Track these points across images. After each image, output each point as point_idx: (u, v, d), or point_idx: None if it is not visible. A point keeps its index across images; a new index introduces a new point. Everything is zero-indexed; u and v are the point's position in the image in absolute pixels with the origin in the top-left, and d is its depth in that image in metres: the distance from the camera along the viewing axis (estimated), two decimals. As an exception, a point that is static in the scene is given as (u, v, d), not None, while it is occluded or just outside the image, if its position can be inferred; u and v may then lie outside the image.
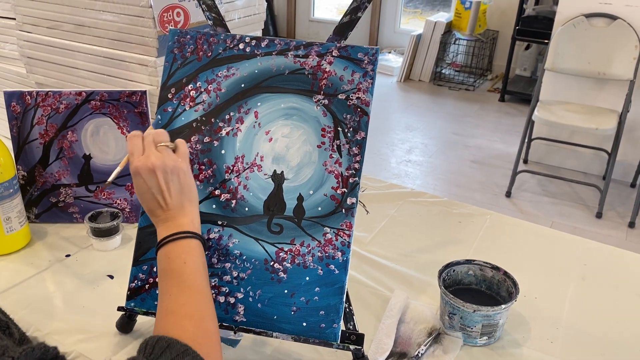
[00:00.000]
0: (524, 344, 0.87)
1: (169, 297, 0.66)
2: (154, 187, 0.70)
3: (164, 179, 0.70)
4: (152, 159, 0.70)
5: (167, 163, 0.70)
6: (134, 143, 0.72)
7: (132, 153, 0.71)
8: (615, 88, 2.90)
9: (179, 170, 0.71)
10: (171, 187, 0.70)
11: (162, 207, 0.71)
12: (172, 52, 0.87)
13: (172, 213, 0.71)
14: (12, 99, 1.10)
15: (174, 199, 0.71)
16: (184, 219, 0.71)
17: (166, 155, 0.71)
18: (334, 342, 0.76)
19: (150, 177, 0.70)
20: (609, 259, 1.09)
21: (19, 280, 0.98)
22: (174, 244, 0.69)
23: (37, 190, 1.13)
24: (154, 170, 0.69)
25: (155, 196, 0.70)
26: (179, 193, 0.71)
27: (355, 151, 0.81)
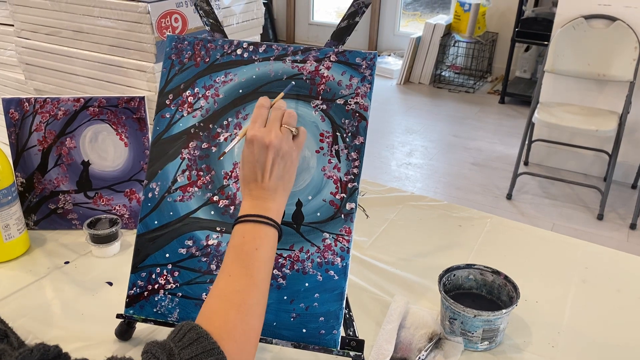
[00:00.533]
0: (525, 348, 0.87)
1: (227, 278, 0.66)
2: (259, 161, 0.69)
3: (272, 159, 0.69)
4: (271, 135, 0.69)
5: (283, 146, 0.70)
6: (260, 113, 0.72)
7: (255, 121, 0.71)
8: (615, 89, 2.90)
9: (288, 158, 0.71)
10: (274, 169, 0.70)
11: (258, 181, 0.70)
12: (169, 58, 0.87)
13: (264, 193, 0.70)
14: (10, 106, 1.09)
15: (272, 181, 0.70)
16: (272, 204, 0.70)
17: (285, 138, 0.71)
18: (334, 349, 0.76)
19: (262, 151, 0.69)
20: (610, 262, 1.09)
21: (17, 287, 0.98)
22: (254, 225, 0.68)
23: (35, 197, 1.13)
24: (268, 146, 0.69)
25: (256, 169, 0.70)
26: (278, 178, 0.70)
27: (354, 156, 0.80)
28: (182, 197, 0.83)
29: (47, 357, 0.51)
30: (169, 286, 0.81)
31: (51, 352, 0.51)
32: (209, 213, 0.82)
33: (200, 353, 0.57)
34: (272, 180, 0.70)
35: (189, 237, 0.82)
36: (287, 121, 0.72)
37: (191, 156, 0.84)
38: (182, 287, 0.81)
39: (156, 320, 0.81)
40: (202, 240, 0.82)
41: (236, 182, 0.82)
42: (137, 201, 1.13)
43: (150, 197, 0.84)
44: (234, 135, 0.83)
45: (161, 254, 0.82)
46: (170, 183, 0.84)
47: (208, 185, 0.83)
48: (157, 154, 0.85)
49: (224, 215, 0.82)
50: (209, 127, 0.84)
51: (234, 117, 0.84)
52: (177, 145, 0.85)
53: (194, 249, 0.82)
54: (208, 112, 0.85)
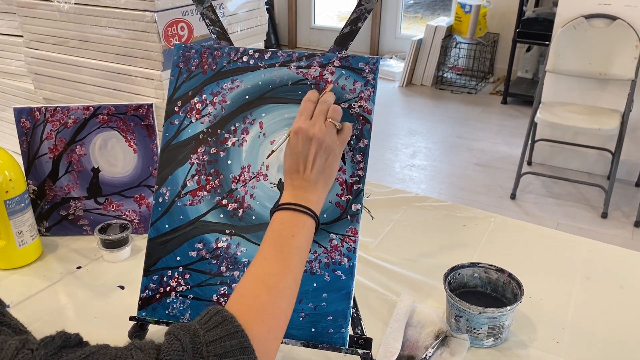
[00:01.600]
0: (530, 344, 0.88)
1: (262, 260, 0.67)
2: (303, 152, 0.72)
3: (315, 151, 0.72)
4: (316, 128, 0.72)
5: (326, 140, 0.72)
6: (307, 106, 0.75)
7: (301, 113, 0.75)
8: (617, 88, 2.91)
9: (331, 152, 0.73)
10: (316, 162, 0.72)
11: (299, 172, 0.73)
12: (177, 66, 0.89)
13: (305, 184, 0.72)
14: (21, 115, 1.12)
15: (313, 173, 0.72)
16: (312, 196, 0.72)
17: (329, 132, 0.73)
18: (342, 347, 0.78)
19: (305, 143, 0.72)
20: (614, 259, 1.10)
21: (32, 292, 1.00)
22: (293, 213, 0.71)
23: (47, 204, 1.15)
24: (311, 139, 0.72)
25: (299, 161, 0.72)
26: (319, 171, 0.73)
27: (358, 158, 0.82)
28: (192, 201, 0.85)
29: (69, 344, 0.51)
30: (181, 288, 0.83)
31: (72, 340, 0.52)
32: (218, 216, 0.84)
33: (225, 336, 0.57)
34: (313, 173, 0.72)
35: (199, 240, 0.84)
36: (332, 116, 0.75)
37: (200, 161, 0.86)
38: (193, 289, 0.83)
39: (168, 322, 0.83)
40: (212, 243, 0.84)
41: (244, 186, 0.85)
42: (146, 206, 1.15)
43: (160, 201, 0.86)
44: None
45: (172, 257, 0.84)
46: (180, 188, 0.86)
47: (217, 189, 0.85)
48: (167, 160, 0.87)
49: (233, 218, 0.84)
50: (217, 132, 0.87)
51: (241, 122, 0.86)
52: (186, 150, 0.87)
53: (204, 252, 0.84)
54: (216, 118, 0.87)
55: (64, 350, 0.50)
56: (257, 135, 0.85)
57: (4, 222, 1.01)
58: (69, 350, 0.50)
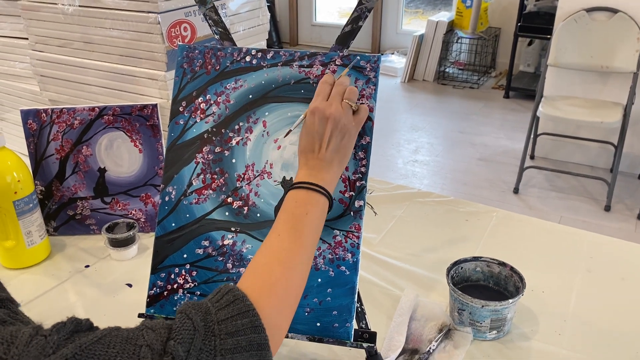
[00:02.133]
0: (532, 337, 0.90)
1: (276, 237, 0.69)
2: (318, 132, 0.73)
3: (330, 131, 0.73)
4: (332, 108, 0.73)
5: (342, 120, 0.73)
6: (323, 88, 0.76)
7: (318, 95, 0.75)
8: (619, 81, 2.91)
9: (346, 132, 0.74)
10: (332, 141, 0.73)
11: (315, 152, 0.73)
12: (181, 67, 0.91)
13: (319, 163, 0.73)
14: (28, 117, 1.14)
15: (328, 152, 0.73)
16: (326, 175, 0.73)
17: (345, 113, 0.74)
18: (347, 341, 0.79)
19: (321, 122, 0.73)
20: (615, 252, 1.11)
21: (41, 291, 1.01)
22: (307, 192, 0.71)
23: (55, 204, 1.17)
24: (327, 118, 0.72)
25: (314, 139, 0.73)
26: (334, 151, 0.73)
27: (361, 155, 0.84)
28: (198, 200, 0.87)
29: (81, 328, 0.53)
30: (188, 285, 0.85)
31: (84, 325, 0.53)
32: (224, 214, 0.86)
33: (236, 314, 0.58)
34: (328, 152, 0.73)
35: (205, 238, 0.86)
36: (349, 97, 0.75)
37: (205, 160, 0.88)
38: (200, 286, 0.85)
39: (176, 318, 0.85)
40: (218, 241, 0.85)
41: (249, 184, 0.86)
42: (152, 205, 1.17)
43: (167, 200, 0.88)
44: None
45: (179, 255, 0.86)
46: (185, 187, 0.87)
47: (222, 188, 0.87)
48: (173, 159, 0.88)
49: (238, 216, 0.85)
50: (221, 131, 0.88)
51: (244, 121, 0.88)
52: (191, 150, 0.88)
53: (210, 249, 0.85)
54: (220, 117, 0.88)
55: (76, 335, 0.51)
56: (260, 134, 0.87)
57: (13, 223, 1.03)
58: (81, 335, 0.51)
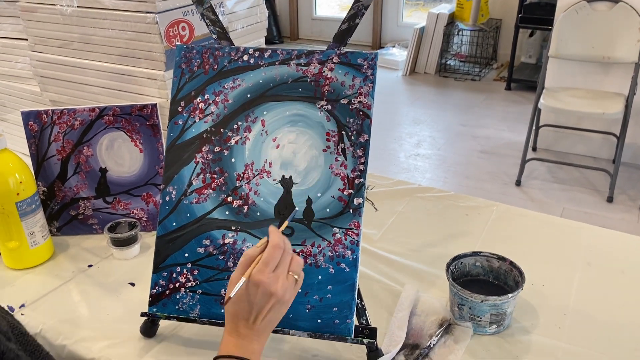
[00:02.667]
0: (532, 330, 0.90)
1: None
2: (258, 305, 0.69)
3: (271, 306, 0.69)
4: (278, 285, 0.69)
5: (285, 298, 0.70)
6: (274, 256, 0.69)
7: (267, 264, 0.69)
8: (620, 71, 2.90)
9: (285, 305, 0.71)
10: (269, 315, 0.70)
11: (249, 322, 0.70)
12: (179, 67, 0.91)
13: (250, 333, 0.70)
14: (29, 118, 1.14)
15: (262, 324, 0.70)
16: (256, 346, 0.71)
17: (289, 289, 0.70)
18: (348, 337, 0.80)
19: (264, 298, 0.69)
20: (614, 245, 1.12)
21: (45, 291, 1.02)
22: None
23: (57, 205, 1.18)
24: (272, 295, 0.68)
25: (252, 311, 0.69)
26: (269, 323, 0.71)
27: (359, 153, 0.84)
28: (198, 199, 0.87)
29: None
30: (190, 284, 0.86)
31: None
32: (224, 213, 0.87)
33: None
34: (263, 324, 0.70)
35: (206, 237, 0.86)
36: (294, 269, 0.71)
37: (205, 160, 0.88)
38: (202, 285, 0.85)
39: (178, 316, 0.86)
40: (219, 239, 0.86)
41: (248, 183, 0.86)
42: (154, 204, 1.17)
43: (167, 200, 0.88)
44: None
45: (180, 254, 0.87)
46: (186, 186, 0.88)
47: (222, 187, 0.87)
48: (172, 159, 0.89)
49: (238, 214, 0.86)
50: (220, 131, 0.88)
51: (243, 120, 0.88)
52: (190, 150, 0.89)
53: (211, 248, 0.86)
54: (219, 117, 0.89)
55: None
56: (259, 133, 0.87)
57: (16, 224, 1.04)
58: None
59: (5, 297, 1.01)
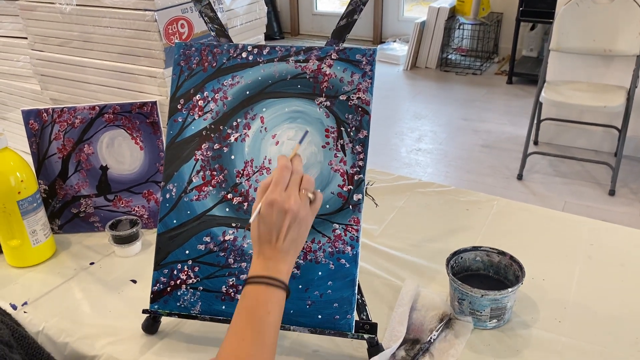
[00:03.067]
0: (532, 325, 0.90)
1: (241, 341, 0.68)
2: (276, 224, 0.71)
3: (289, 224, 0.71)
4: (291, 201, 0.71)
5: (300, 212, 0.72)
6: (283, 175, 0.73)
7: (277, 183, 0.72)
8: (622, 64, 2.89)
9: (304, 223, 0.73)
10: (289, 233, 0.72)
11: (272, 243, 0.72)
12: (178, 64, 0.91)
13: (276, 254, 0.72)
14: (30, 117, 1.15)
15: (285, 244, 0.72)
16: (283, 266, 0.72)
17: (304, 204, 0.73)
18: (348, 333, 0.80)
19: (279, 216, 0.71)
20: (615, 238, 1.12)
21: (47, 289, 1.03)
22: (267, 288, 0.70)
23: (58, 203, 1.18)
24: (286, 212, 0.71)
25: (272, 231, 0.71)
26: (292, 241, 0.72)
27: (358, 149, 0.84)
28: (198, 197, 0.88)
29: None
30: (190, 281, 0.86)
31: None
32: (224, 210, 0.87)
33: None
34: (285, 243, 0.72)
35: (206, 234, 0.87)
36: (306, 187, 0.74)
37: (204, 157, 0.88)
38: (202, 281, 0.86)
39: (180, 313, 0.86)
40: (219, 236, 0.86)
41: (248, 179, 0.87)
42: (154, 201, 1.18)
43: (167, 197, 0.89)
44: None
45: (181, 251, 0.87)
46: (186, 184, 0.88)
47: (222, 184, 0.87)
48: (172, 157, 0.89)
49: (238, 211, 0.86)
50: (220, 128, 0.89)
51: (242, 117, 0.88)
52: (190, 147, 0.89)
53: (212, 245, 0.86)
54: (218, 114, 0.89)
55: None
56: (258, 130, 0.87)
57: (18, 222, 1.05)
58: None
59: (7, 295, 1.01)
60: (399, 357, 0.84)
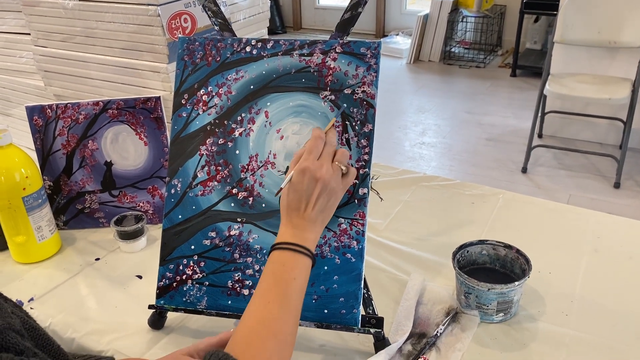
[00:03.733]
0: (539, 318, 0.90)
1: (266, 304, 0.68)
2: (306, 192, 0.72)
3: (319, 193, 0.72)
4: (323, 170, 0.72)
5: (331, 183, 0.72)
6: (317, 145, 0.74)
7: (310, 152, 0.73)
8: (627, 56, 2.87)
9: (334, 194, 0.74)
10: (318, 202, 0.72)
11: (300, 210, 0.72)
12: (182, 59, 0.91)
13: (304, 223, 0.72)
14: (34, 113, 1.15)
15: (313, 213, 0.72)
16: (310, 235, 0.73)
17: (335, 176, 0.73)
18: (355, 327, 0.80)
19: (310, 184, 0.72)
20: (622, 231, 1.11)
21: (53, 285, 1.03)
22: (294, 254, 0.71)
23: (63, 199, 1.19)
24: (317, 180, 0.71)
25: (301, 199, 0.72)
26: (320, 211, 0.73)
27: (363, 143, 0.84)
28: (203, 192, 0.88)
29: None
30: (196, 276, 0.86)
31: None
32: (229, 205, 0.87)
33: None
34: (314, 212, 0.72)
35: (212, 229, 0.86)
36: (340, 159, 0.75)
37: (209, 152, 0.88)
38: (208, 277, 0.86)
39: (186, 308, 0.86)
40: (225, 231, 0.86)
41: (253, 174, 0.86)
42: (159, 197, 1.18)
43: (173, 193, 0.88)
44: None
45: (187, 246, 0.87)
46: (191, 179, 0.88)
47: (227, 179, 0.87)
48: (177, 152, 0.89)
49: (244, 206, 0.86)
50: (224, 123, 0.88)
51: (247, 112, 0.88)
52: (195, 142, 0.89)
53: (217, 240, 0.86)
54: (222, 109, 0.89)
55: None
56: (263, 125, 0.87)
57: (23, 218, 1.05)
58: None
59: (14, 291, 1.01)
60: (405, 352, 0.84)
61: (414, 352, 0.84)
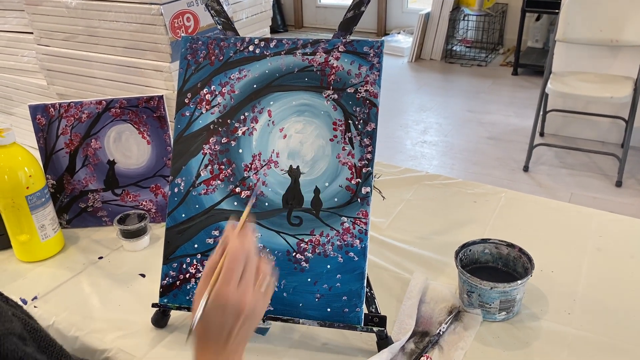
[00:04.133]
0: (542, 317, 0.90)
1: None
2: (227, 326, 0.60)
3: (241, 325, 0.60)
4: (247, 300, 0.59)
5: (257, 310, 0.61)
6: (235, 267, 0.60)
7: (228, 280, 0.59)
8: (629, 54, 2.87)
9: (258, 317, 0.63)
10: (241, 333, 0.61)
11: (219, 344, 0.60)
12: (185, 58, 0.91)
13: (223, 355, 0.61)
14: (37, 112, 1.15)
15: (234, 343, 0.61)
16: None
17: (260, 301, 0.61)
18: (357, 325, 0.81)
19: (232, 317, 0.59)
20: (624, 230, 1.11)
21: (57, 284, 1.03)
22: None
23: (66, 197, 1.19)
24: (241, 312, 0.59)
25: (221, 333, 0.60)
26: (243, 340, 0.62)
27: (366, 142, 0.84)
28: (206, 191, 0.88)
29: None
30: (200, 274, 0.86)
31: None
32: (232, 204, 0.87)
33: None
34: (234, 344, 0.61)
35: (215, 228, 0.87)
36: (265, 276, 0.63)
37: (212, 151, 0.88)
38: (211, 275, 0.86)
39: (189, 307, 0.86)
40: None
41: (256, 173, 0.87)
42: (162, 196, 1.18)
43: (176, 192, 0.89)
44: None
45: (190, 245, 0.87)
46: (194, 178, 0.88)
47: (230, 178, 0.87)
48: (180, 151, 0.89)
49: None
50: (227, 122, 0.88)
51: (250, 111, 0.88)
52: (198, 141, 0.89)
53: (220, 239, 0.86)
54: (225, 108, 0.89)
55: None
56: (266, 124, 0.87)
57: (27, 217, 1.05)
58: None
59: (17, 289, 1.02)
60: (408, 350, 0.84)
61: (417, 351, 0.84)
